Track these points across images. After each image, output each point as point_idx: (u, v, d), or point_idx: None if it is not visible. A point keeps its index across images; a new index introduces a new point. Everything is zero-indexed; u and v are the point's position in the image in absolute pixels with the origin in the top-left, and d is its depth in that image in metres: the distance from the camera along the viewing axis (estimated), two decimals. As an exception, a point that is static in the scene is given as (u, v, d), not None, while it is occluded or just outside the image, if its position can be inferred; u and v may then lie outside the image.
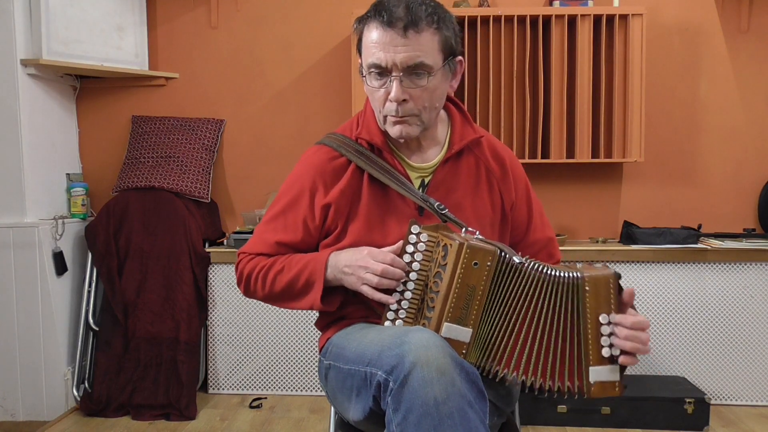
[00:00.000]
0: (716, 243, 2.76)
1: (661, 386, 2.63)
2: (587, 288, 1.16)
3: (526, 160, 2.90)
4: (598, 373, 1.16)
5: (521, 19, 2.89)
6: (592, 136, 2.92)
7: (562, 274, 1.17)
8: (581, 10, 2.87)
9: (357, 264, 1.25)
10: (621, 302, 1.17)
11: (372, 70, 1.28)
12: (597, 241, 3.02)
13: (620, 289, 1.18)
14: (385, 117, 1.32)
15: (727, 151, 3.09)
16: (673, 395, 2.54)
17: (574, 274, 1.17)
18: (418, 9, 1.24)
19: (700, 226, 2.95)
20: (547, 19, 2.90)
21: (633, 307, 1.21)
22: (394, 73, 1.25)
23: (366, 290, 1.24)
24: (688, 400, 2.51)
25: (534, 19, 2.91)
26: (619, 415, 2.54)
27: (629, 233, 2.91)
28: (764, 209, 3.05)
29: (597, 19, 2.89)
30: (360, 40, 1.31)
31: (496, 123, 2.92)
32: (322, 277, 1.29)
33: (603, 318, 1.16)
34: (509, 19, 2.90)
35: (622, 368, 1.17)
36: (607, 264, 1.20)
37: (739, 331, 2.78)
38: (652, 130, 3.06)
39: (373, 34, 1.26)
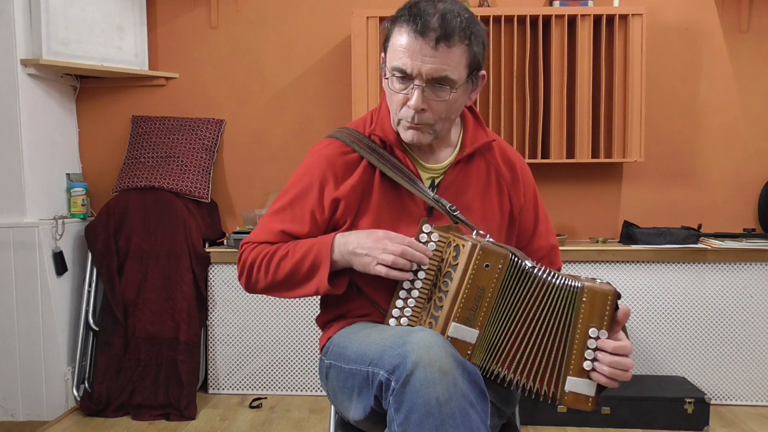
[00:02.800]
0: (716, 243, 2.76)
1: (661, 386, 2.63)
2: (584, 299, 1.15)
3: (526, 160, 2.88)
4: (574, 384, 1.16)
5: (521, 19, 2.89)
6: (592, 136, 2.92)
7: (563, 282, 1.17)
8: (581, 10, 2.87)
9: (373, 245, 1.23)
10: (614, 320, 1.17)
11: (396, 73, 1.27)
12: (597, 241, 3.02)
13: (616, 307, 1.17)
14: (399, 120, 1.32)
15: (727, 151, 3.10)
16: (673, 395, 2.54)
17: (575, 283, 1.17)
18: (453, 21, 1.22)
19: (700, 226, 2.95)
20: (547, 19, 2.90)
21: (624, 328, 1.20)
22: (417, 82, 1.25)
23: (380, 270, 1.22)
24: (688, 400, 2.51)
25: (534, 19, 2.91)
26: (619, 415, 2.54)
27: (629, 233, 2.91)
28: (764, 209, 3.05)
29: (597, 19, 2.89)
30: (387, 39, 1.30)
31: (497, 123, 2.92)
32: (329, 258, 1.27)
33: (592, 332, 1.15)
34: (509, 19, 2.90)
35: (600, 385, 1.17)
36: (610, 283, 1.19)
37: (739, 331, 2.78)
38: (652, 130, 3.06)
39: (404, 38, 1.24)
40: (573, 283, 1.17)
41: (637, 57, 2.86)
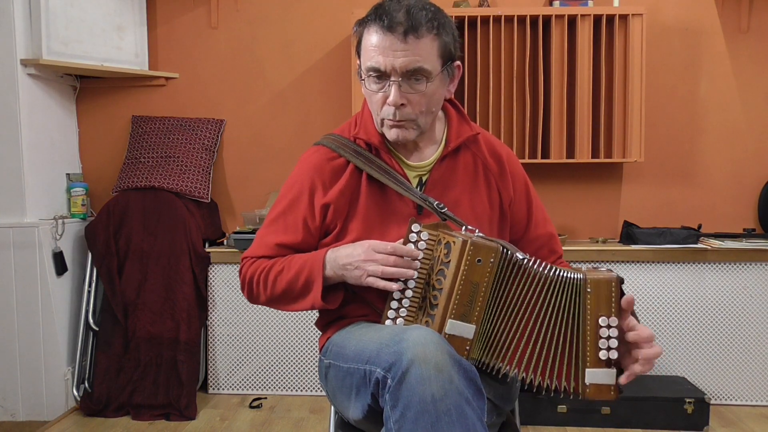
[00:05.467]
0: (716, 243, 2.76)
1: (661, 386, 2.63)
2: (589, 289, 1.15)
3: (526, 160, 2.90)
4: (594, 375, 1.16)
5: (521, 19, 2.89)
6: (592, 136, 2.92)
7: (564, 275, 1.18)
8: (581, 10, 2.87)
9: (361, 258, 1.24)
10: (621, 308, 1.17)
11: (371, 73, 1.28)
12: (597, 241, 3.02)
13: (622, 294, 1.17)
14: (382, 120, 1.33)
15: (727, 151, 3.09)
16: (673, 395, 2.54)
17: (577, 275, 1.17)
18: (419, 14, 1.24)
19: (700, 226, 2.95)
20: (547, 19, 2.90)
21: (634, 313, 1.20)
22: (392, 78, 1.26)
23: (371, 281, 1.23)
24: (688, 400, 2.51)
25: (534, 19, 2.91)
26: (619, 415, 2.54)
27: (629, 233, 2.91)
28: (764, 209, 3.05)
29: (597, 19, 2.89)
30: (359, 43, 1.32)
31: (496, 123, 2.92)
32: (321, 275, 1.29)
33: (602, 320, 1.15)
34: (509, 19, 2.90)
35: (619, 372, 1.17)
36: (611, 269, 1.19)
37: (739, 331, 2.78)
38: (652, 130, 3.06)
39: (373, 37, 1.26)
40: (574, 275, 1.17)
41: (637, 57, 2.86)
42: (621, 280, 1.16)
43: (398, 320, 1.24)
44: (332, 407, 1.45)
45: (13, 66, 2.75)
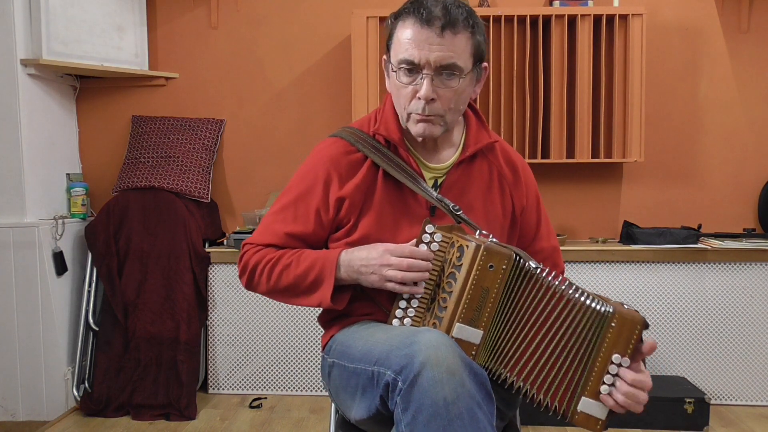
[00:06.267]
0: (716, 243, 2.76)
1: (661, 386, 2.63)
2: (613, 324, 1.14)
3: (527, 160, 2.89)
4: (587, 405, 1.16)
5: (521, 19, 2.89)
6: (592, 136, 2.92)
7: (592, 303, 1.16)
8: (581, 10, 2.87)
9: (377, 262, 1.24)
10: (638, 350, 1.15)
11: (403, 66, 1.28)
12: (597, 241, 3.02)
13: (641, 338, 1.15)
14: (409, 114, 1.32)
15: (727, 151, 3.10)
16: (673, 395, 2.54)
17: (606, 307, 1.15)
18: (456, 11, 1.25)
19: (700, 226, 2.95)
20: (547, 19, 2.90)
21: (643, 360, 1.19)
22: (425, 71, 1.26)
23: (392, 287, 1.23)
24: (688, 400, 2.51)
25: (534, 19, 2.91)
26: (618, 415, 2.54)
27: (629, 233, 2.91)
28: (764, 209, 3.05)
29: (597, 19, 2.89)
30: (391, 36, 1.32)
31: (497, 123, 2.92)
32: (333, 275, 1.28)
33: (615, 358, 1.14)
34: (509, 19, 2.90)
35: (612, 412, 1.17)
36: (637, 310, 1.18)
37: (739, 331, 2.78)
38: (652, 130, 3.07)
39: (409, 30, 1.26)
40: (603, 306, 1.15)
41: (637, 57, 2.86)
42: (646, 325, 1.15)
43: (405, 320, 1.24)
44: (332, 407, 1.45)
45: (13, 66, 2.74)
